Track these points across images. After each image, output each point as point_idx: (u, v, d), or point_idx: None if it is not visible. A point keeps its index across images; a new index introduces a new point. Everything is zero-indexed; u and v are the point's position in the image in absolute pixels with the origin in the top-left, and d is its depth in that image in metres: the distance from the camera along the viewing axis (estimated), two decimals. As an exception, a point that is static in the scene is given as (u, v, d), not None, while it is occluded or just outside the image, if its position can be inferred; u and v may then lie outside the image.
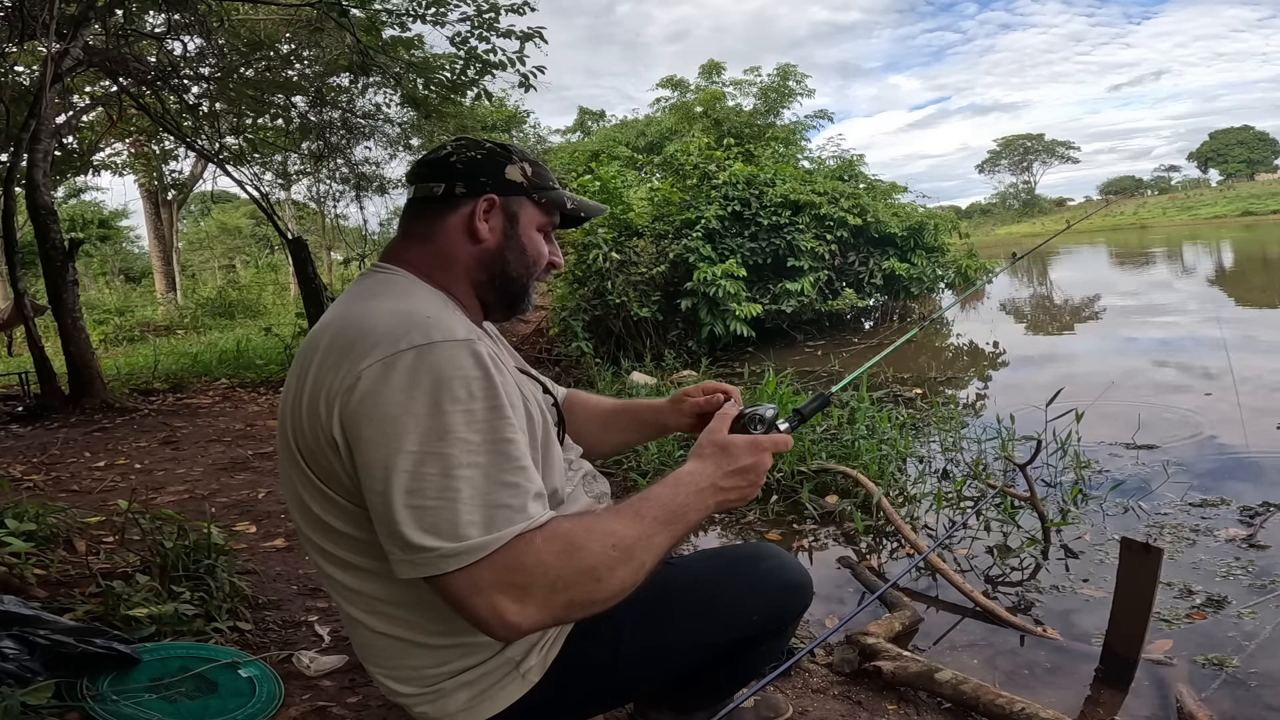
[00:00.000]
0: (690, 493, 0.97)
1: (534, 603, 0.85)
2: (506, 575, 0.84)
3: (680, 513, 0.95)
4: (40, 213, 5.82)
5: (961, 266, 9.14)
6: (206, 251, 32.59)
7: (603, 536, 0.89)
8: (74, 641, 1.60)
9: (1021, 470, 2.80)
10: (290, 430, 0.97)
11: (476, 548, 0.83)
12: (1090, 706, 1.78)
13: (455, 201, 1.07)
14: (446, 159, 1.09)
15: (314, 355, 0.94)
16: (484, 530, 0.84)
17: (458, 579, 0.84)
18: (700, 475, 0.99)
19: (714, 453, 1.02)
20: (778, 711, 1.59)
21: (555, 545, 0.86)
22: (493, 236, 1.09)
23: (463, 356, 0.88)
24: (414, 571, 0.85)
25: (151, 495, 3.51)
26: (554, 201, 1.14)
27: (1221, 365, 5.62)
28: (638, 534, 0.91)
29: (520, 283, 1.12)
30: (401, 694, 1.03)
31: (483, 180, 1.08)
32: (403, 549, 0.85)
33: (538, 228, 1.13)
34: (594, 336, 7.31)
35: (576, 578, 0.86)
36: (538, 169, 1.12)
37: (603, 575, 0.88)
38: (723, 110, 20.99)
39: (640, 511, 0.93)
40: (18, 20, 5.61)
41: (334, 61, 8.17)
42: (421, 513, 0.84)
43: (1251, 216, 46.57)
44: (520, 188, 1.10)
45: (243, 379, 7.49)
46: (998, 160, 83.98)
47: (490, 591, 0.83)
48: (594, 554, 0.88)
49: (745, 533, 3.06)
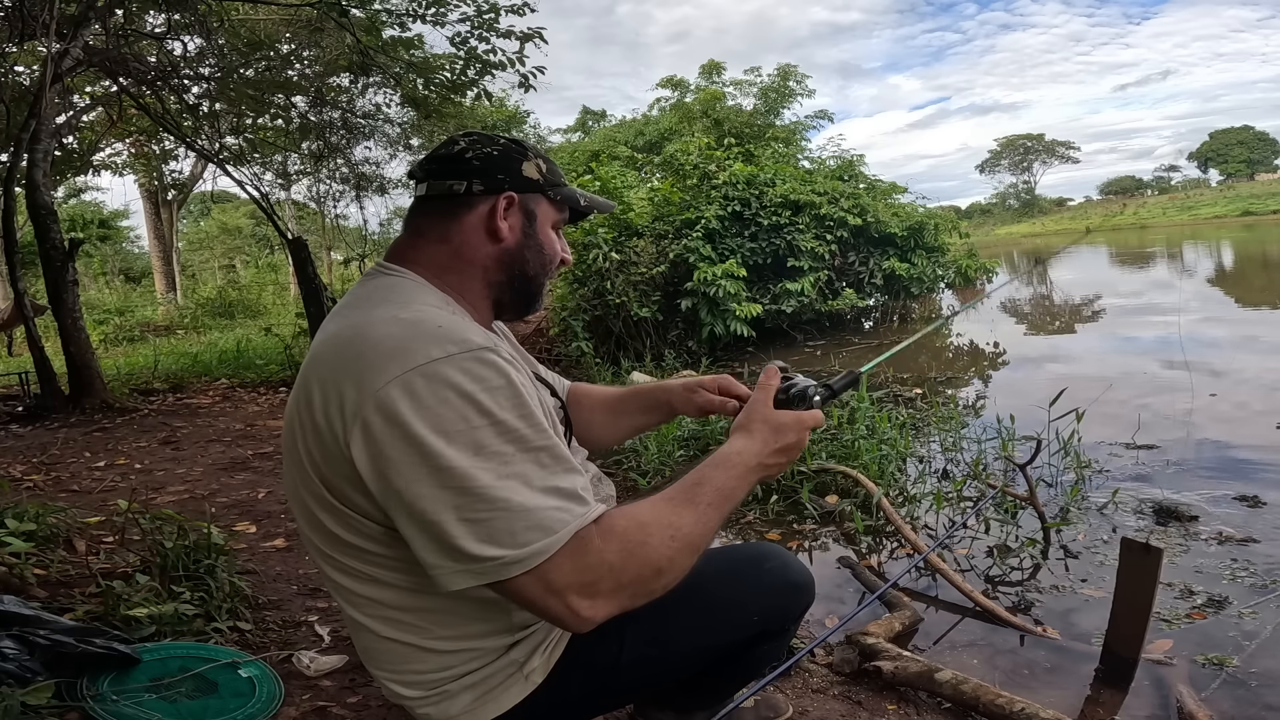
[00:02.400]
0: (740, 472, 0.99)
1: (603, 597, 0.87)
2: (575, 576, 0.85)
3: (731, 494, 0.98)
4: (40, 213, 5.82)
5: (962, 266, 9.14)
6: (206, 251, 32.58)
7: (661, 529, 0.91)
8: (74, 641, 1.60)
9: (1021, 470, 2.80)
10: (301, 449, 0.94)
11: (538, 552, 0.84)
12: (1090, 706, 1.78)
13: (472, 200, 1.04)
14: (461, 155, 1.06)
15: (322, 370, 0.91)
16: (543, 534, 0.84)
17: (528, 584, 0.85)
18: (749, 454, 1.01)
19: (763, 430, 1.03)
20: (778, 711, 1.59)
21: (615, 544, 0.87)
22: (513, 235, 1.06)
23: (483, 366, 0.87)
24: (470, 580, 0.85)
25: (151, 495, 3.51)
26: (567, 198, 1.11)
27: (1222, 366, 5.63)
28: (694, 521, 0.93)
29: (538, 282, 1.10)
30: (406, 697, 1.02)
31: (501, 177, 1.05)
32: (457, 560, 0.85)
33: (553, 225, 1.11)
34: (594, 336, 7.32)
35: (640, 572, 0.89)
36: (550, 165, 1.10)
37: (664, 567, 0.90)
38: (723, 110, 20.99)
39: (694, 498, 0.95)
40: (18, 20, 5.61)
41: (334, 61, 8.18)
42: (476, 525, 0.83)
43: (1251, 216, 46.53)
44: (537, 184, 1.07)
45: (243, 379, 7.49)
46: (998, 160, 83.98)
47: (564, 593, 0.85)
48: (655, 549, 0.90)
49: (745, 533, 3.06)
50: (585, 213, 1.17)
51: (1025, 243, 44.64)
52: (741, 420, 1.05)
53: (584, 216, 1.19)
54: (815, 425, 1.07)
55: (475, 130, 1.15)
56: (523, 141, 1.11)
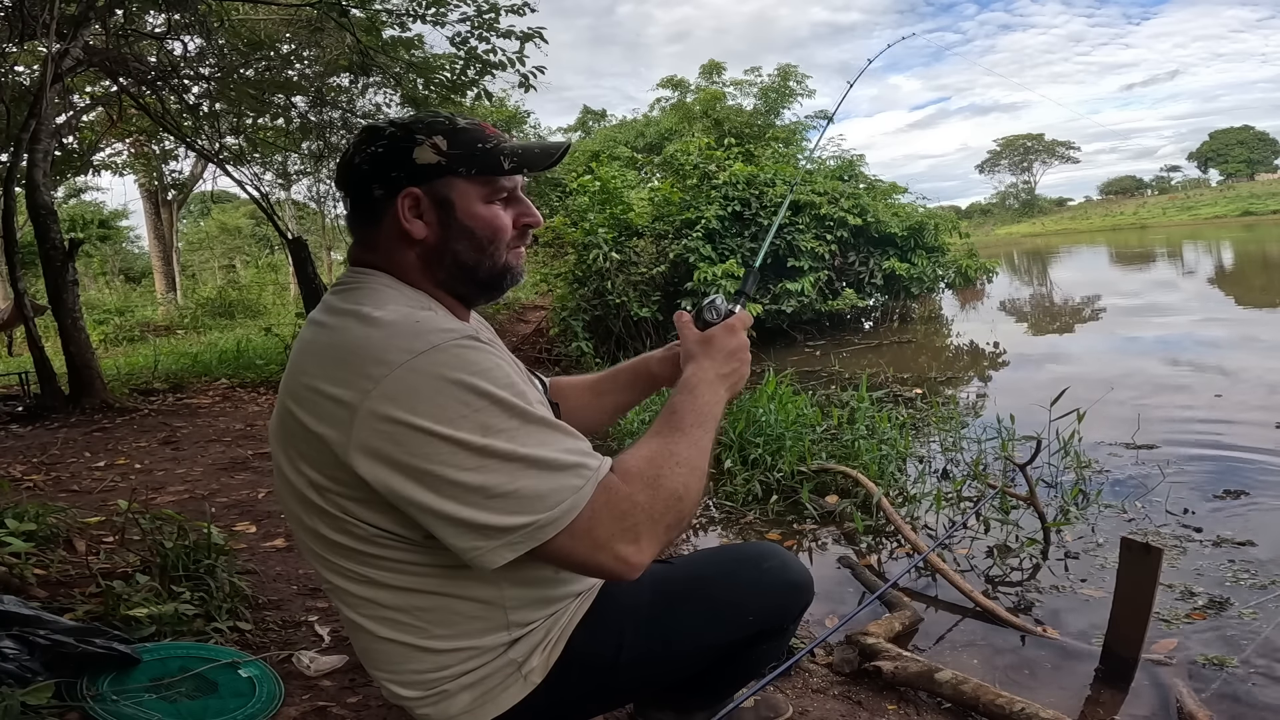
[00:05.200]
0: (705, 390, 1.04)
1: (646, 538, 0.90)
2: (614, 524, 0.88)
3: (709, 410, 1.02)
4: (40, 213, 5.82)
5: (962, 266, 9.15)
6: (206, 251, 32.59)
7: (668, 459, 0.94)
8: (74, 641, 1.60)
9: (1021, 470, 2.80)
10: (290, 458, 0.94)
11: (570, 509, 0.86)
12: (1090, 706, 1.79)
13: (379, 205, 0.98)
14: (350, 162, 0.99)
15: (305, 379, 0.90)
16: (569, 493, 0.86)
17: (570, 543, 0.87)
18: (702, 370, 1.07)
19: (700, 349, 1.10)
20: (778, 711, 1.59)
21: (637, 483, 0.91)
22: (430, 231, 0.98)
23: (466, 351, 0.87)
24: (511, 553, 0.86)
25: (151, 495, 3.51)
26: (486, 168, 0.99)
27: (1225, 365, 5.63)
28: (689, 444, 0.97)
29: (485, 265, 1.01)
30: (405, 697, 1.02)
31: (394, 175, 0.96)
32: (491, 537, 0.85)
33: (482, 200, 0.99)
34: (594, 336, 7.32)
35: (667, 503, 0.92)
36: (457, 136, 0.98)
37: (683, 493, 0.93)
38: (723, 110, 20.99)
39: (678, 424, 0.99)
40: (18, 20, 5.61)
41: (334, 61, 8.17)
42: (503, 500, 0.85)
43: (1251, 216, 46.54)
44: (439, 168, 0.97)
45: (243, 379, 7.48)
46: (998, 160, 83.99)
47: (610, 543, 0.88)
48: (670, 477, 0.93)
49: (745, 533, 3.06)
50: (528, 168, 1.01)
51: (1025, 243, 44.65)
52: (684, 353, 1.12)
53: (535, 169, 1.02)
54: (745, 325, 1.14)
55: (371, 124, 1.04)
56: (418, 119, 0.99)
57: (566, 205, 9.66)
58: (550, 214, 11.05)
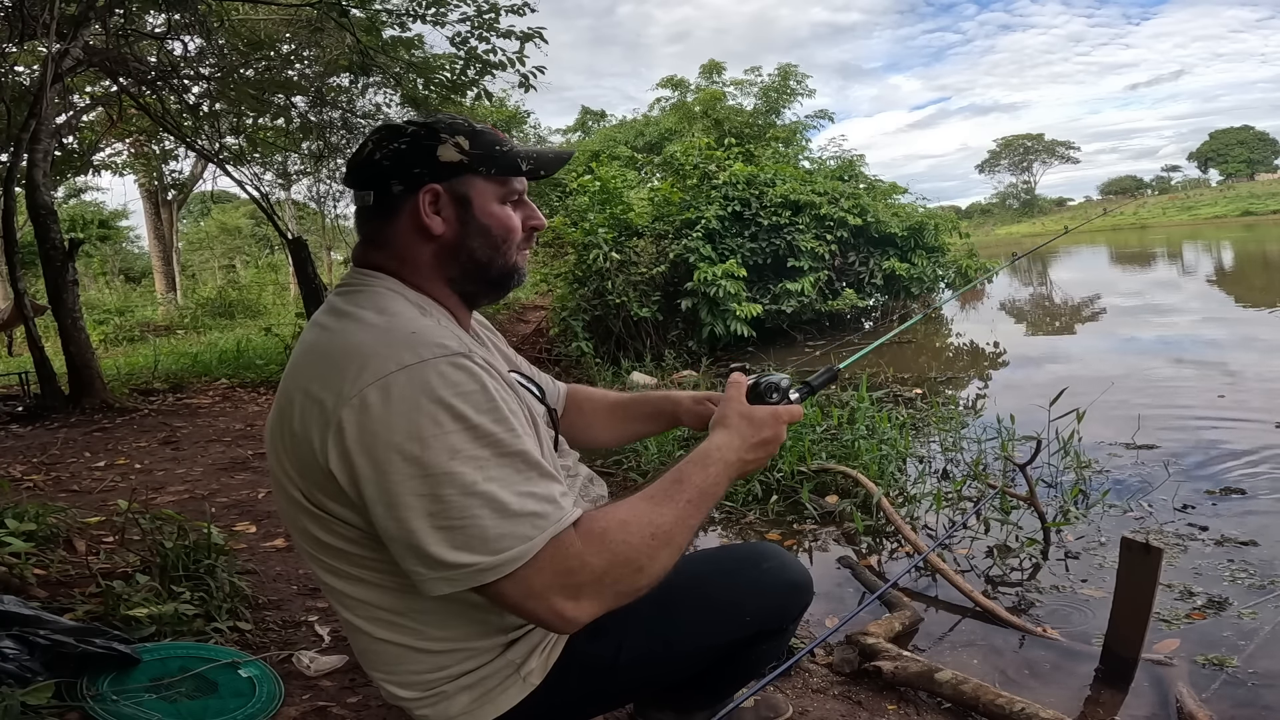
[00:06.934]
0: (720, 469, 0.99)
1: (587, 597, 0.87)
2: (556, 578, 0.86)
3: (712, 490, 0.98)
4: (40, 213, 5.82)
5: (962, 266, 9.14)
6: (206, 251, 32.57)
7: (641, 528, 0.90)
8: (74, 641, 1.60)
9: (1021, 470, 2.80)
10: (281, 458, 0.95)
11: (513, 558, 0.84)
12: (1090, 706, 1.78)
13: (397, 201, 0.99)
14: (370, 158, 1.00)
15: (299, 380, 0.91)
16: (517, 540, 0.84)
17: (508, 588, 0.85)
18: (728, 449, 1.01)
19: (740, 425, 1.03)
20: (778, 711, 1.59)
21: (596, 545, 0.87)
22: (448, 228, 1.00)
23: (456, 371, 0.87)
24: (448, 587, 0.85)
25: (151, 495, 3.51)
26: (505, 168, 1.02)
27: (1226, 365, 5.63)
28: (674, 518, 0.93)
29: (497, 264, 1.04)
30: (403, 698, 1.02)
31: (417, 171, 0.98)
32: (432, 567, 0.85)
33: (498, 200, 1.03)
34: (594, 336, 7.32)
35: (621, 571, 0.89)
36: (478, 138, 1.01)
37: (645, 565, 0.90)
38: (723, 110, 20.96)
39: (674, 495, 0.95)
40: (18, 20, 5.61)
41: (334, 61, 8.17)
42: (450, 533, 0.83)
43: (1251, 216, 46.52)
44: (461, 166, 0.99)
45: (243, 379, 7.48)
46: (998, 160, 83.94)
47: (545, 595, 0.86)
48: (634, 547, 0.89)
49: (745, 533, 3.06)
50: (542, 170, 1.06)
51: (1025, 243, 44.61)
52: (719, 416, 1.05)
53: (547, 173, 1.08)
54: (792, 420, 1.07)
55: (389, 123, 1.07)
56: (439, 119, 1.02)
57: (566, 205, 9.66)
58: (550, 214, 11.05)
